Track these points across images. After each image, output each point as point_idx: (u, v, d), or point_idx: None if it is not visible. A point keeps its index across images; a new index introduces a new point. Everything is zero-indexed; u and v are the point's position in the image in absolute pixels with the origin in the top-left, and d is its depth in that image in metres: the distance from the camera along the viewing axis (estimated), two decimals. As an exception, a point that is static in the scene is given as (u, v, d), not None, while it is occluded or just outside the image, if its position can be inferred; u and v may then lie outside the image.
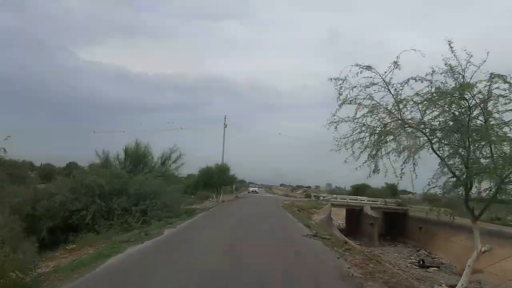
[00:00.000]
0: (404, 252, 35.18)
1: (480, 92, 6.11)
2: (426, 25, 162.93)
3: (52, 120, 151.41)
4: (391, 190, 76.66)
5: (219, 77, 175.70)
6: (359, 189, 72.00)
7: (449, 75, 6.21)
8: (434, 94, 6.27)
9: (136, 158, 20.09)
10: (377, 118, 6.76)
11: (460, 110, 6.29)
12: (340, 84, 6.64)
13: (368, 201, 45.72)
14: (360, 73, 6.51)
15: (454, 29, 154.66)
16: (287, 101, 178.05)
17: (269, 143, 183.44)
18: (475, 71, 6.06)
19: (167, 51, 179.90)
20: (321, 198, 45.03)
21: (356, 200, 44.89)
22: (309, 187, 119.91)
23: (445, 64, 6.19)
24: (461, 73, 6.13)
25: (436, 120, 6.53)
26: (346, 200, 46.06)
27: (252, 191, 64.72)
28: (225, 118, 39.00)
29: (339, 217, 49.51)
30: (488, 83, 6.01)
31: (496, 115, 6.21)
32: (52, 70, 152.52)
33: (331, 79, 6.67)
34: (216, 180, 34.49)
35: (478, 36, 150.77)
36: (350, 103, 6.69)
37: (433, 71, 6.27)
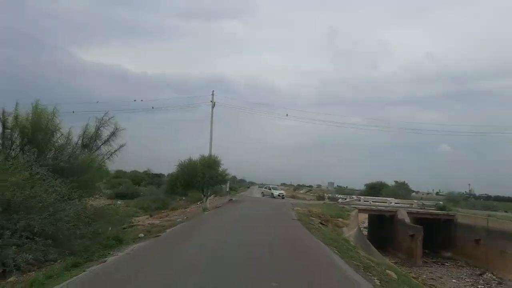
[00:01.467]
0: (463, 275, 25.50)
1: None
2: (427, 23, 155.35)
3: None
4: (405, 189, 67.30)
5: (218, 77, 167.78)
6: (375, 188, 62.58)
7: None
8: None
9: (30, 134, 10.48)
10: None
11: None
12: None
13: (396, 203, 35.97)
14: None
15: (455, 26, 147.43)
16: (286, 100, 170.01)
17: (268, 142, 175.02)
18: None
19: (166, 51, 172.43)
20: (340, 200, 35.29)
21: (385, 202, 35.13)
22: (310, 186, 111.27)
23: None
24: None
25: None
26: (369, 203, 36.29)
27: (278, 195, 40.05)
28: (212, 95, 29.23)
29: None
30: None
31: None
32: (50, 70, 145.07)
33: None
34: (200, 179, 24.82)
35: (478, 34, 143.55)
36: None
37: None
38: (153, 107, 37.80)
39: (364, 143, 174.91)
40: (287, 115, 40.02)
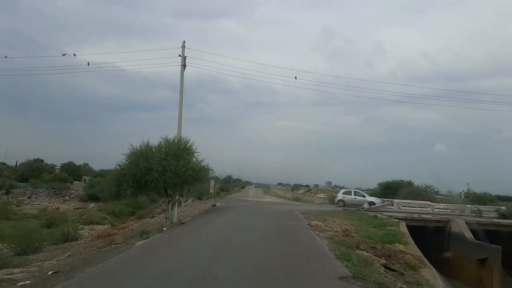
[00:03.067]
0: None
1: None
2: (424, 22, 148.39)
3: (45, 119, 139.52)
4: (416, 189, 58.07)
5: (215, 76, 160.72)
6: (391, 188, 53.58)
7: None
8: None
9: None
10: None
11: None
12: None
13: (436, 208, 26.85)
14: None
15: (452, 26, 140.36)
16: (283, 100, 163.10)
17: (265, 142, 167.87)
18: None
19: (162, 50, 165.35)
20: (365, 206, 26.02)
21: (426, 208, 26.01)
22: (307, 186, 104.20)
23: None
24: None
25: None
26: (398, 208, 27.18)
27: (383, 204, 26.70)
28: (183, 47, 19.78)
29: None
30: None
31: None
32: (46, 69, 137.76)
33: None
34: (158, 175, 15.47)
35: (474, 32, 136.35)
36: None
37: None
38: (88, 63, 29.66)
39: (360, 142, 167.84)
40: (295, 77, 31.42)
